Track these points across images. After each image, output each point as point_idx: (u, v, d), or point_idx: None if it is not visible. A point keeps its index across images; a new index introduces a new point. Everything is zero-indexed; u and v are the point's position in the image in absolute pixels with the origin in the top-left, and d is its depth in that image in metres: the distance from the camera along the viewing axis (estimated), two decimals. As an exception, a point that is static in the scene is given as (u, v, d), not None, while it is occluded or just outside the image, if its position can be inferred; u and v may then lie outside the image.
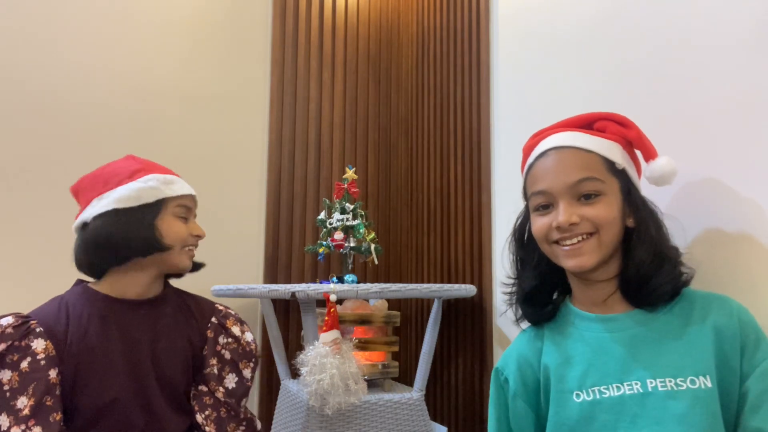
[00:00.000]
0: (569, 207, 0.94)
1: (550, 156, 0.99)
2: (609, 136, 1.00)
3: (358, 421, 1.69)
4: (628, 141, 1.00)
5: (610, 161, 0.96)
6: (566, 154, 0.97)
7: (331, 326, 1.56)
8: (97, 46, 2.08)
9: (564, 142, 0.99)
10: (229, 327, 1.29)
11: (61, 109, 2.01)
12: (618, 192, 0.96)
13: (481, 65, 1.98)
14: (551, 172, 0.97)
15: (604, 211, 0.93)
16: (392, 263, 2.48)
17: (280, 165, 2.35)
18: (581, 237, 0.94)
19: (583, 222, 0.93)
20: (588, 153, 0.96)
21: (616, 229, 0.94)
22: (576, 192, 0.94)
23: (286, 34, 2.41)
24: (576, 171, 0.95)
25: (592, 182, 0.94)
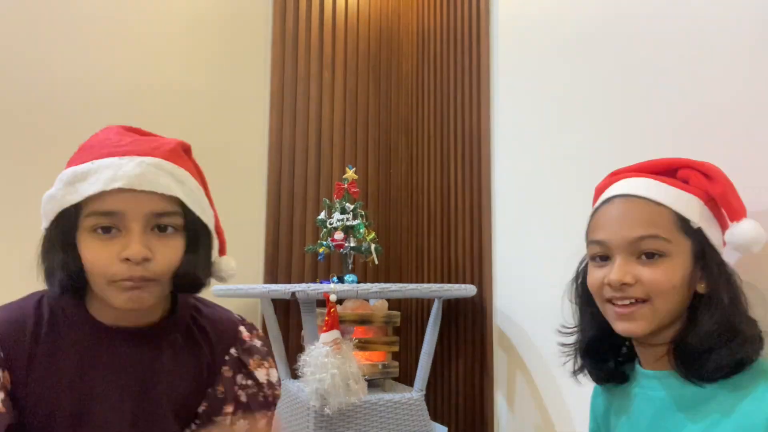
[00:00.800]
0: (625, 264, 0.84)
1: (615, 204, 0.88)
2: (690, 189, 0.87)
3: (358, 421, 1.69)
4: (711, 197, 0.87)
5: (683, 218, 0.84)
6: (633, 204, 0.86)
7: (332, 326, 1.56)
8: (97, 46, 2.08)
9: (634, 190, 0.87)
10: (252, 369, 0.95)
11: (61, 109, 2.01)
12: (689, 254, 0.83)
13: (481, 66, 1.98)
14: (613, 222, 0.86)
15: (663, 276, 0.82)
16: (392, 263, 2.48)
17: (280, 165, 2.35)
18: (633, 300, 0.84)
19: (638, 285, 0.83)
20: (658, 206, 0.85)
21: (677, 297, 0.83)
22: (636, 249, 0.84)
23: (286, 34, 2.41)
24: (639, 226, 0.84)
25: (655, 241, 0.83)
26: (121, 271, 0.77)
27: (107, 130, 0.91)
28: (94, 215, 0.78)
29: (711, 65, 1.19)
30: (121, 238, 0.78)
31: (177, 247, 0.82)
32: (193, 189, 0.86)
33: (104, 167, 0.79)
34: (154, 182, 0.80)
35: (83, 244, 0.79)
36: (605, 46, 1.47)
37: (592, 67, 1.51)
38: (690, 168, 0.89)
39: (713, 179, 0.87)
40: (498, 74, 1.91)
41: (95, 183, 0.78)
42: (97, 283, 0.79)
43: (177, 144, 0.88)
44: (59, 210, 0.80)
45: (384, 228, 2.48)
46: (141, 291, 0.79)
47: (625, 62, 1.40)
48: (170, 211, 0.81)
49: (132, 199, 0.78)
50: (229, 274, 0.96)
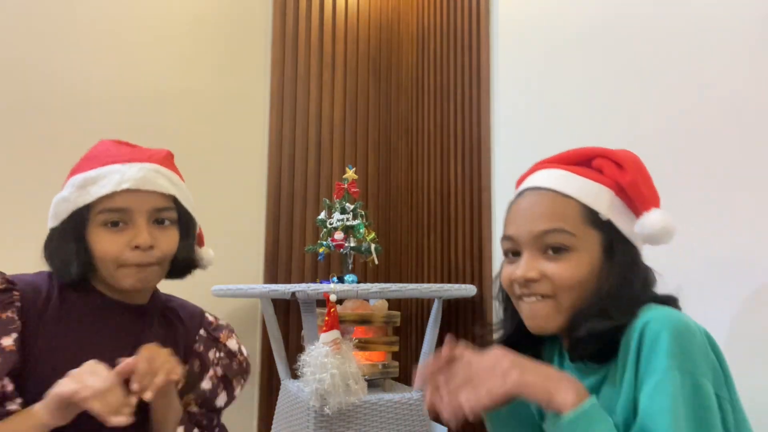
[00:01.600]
0: (531, 260, 0.81)
1: (525, 198, 0.86)
2: (602, 179, 0.84)
3: (358, 421, 1.69)
4: (622, 186, 0.83)
5: (591, 210, 0.81)
6: (540, 197, 0.84)
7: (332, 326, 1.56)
8: (97, 46, 2.08)
9: (543, 182, 0.85)
10: (223, 342, 1.11)
11: (61, 109, 2.01)
12: (597, 247, 0.80)
13: (481, 65, 1.98)
14: (520, 216, 0.84)
15: (568, 271, 0.79)
16: (392, 263, 2.48)
17: (280, 165, 2.35)
18: (538, 297, 0.81)
19: (543, 280, 0.80)
20: (565, 198, 0.82)
21: (582, 292, 0.79)
22: (542, 244, 0.81)
23: (286, 34, 2.41)
24: (544, 219, 0.81)
25: (559, 234, 0.80)
26: (132, 257, 0.94)
27: (103, 144, 1.03)
28: (105, 212, 0.94)
29: (711, 64, 1.19)
30: (129, 230, 0.95)
31: (173, 236, 1.00)
32: (183, 189, 1.03)
33: (112, 172, 0.95)
34: (155, 183, 0.97)
35: (95, 237, 0.95)
36: (605, 46, 1.47)
37: (591, 66, 1.51)
38: (603, 157, 0.86)
39: (624, 168, 0.83)
40: (498, 74, 1.91)
41: (106, 185, 0.94)
42: (108, 269, 0.95)
43: (167, 153, 1.04)
44: (73, 209, 0.95)
45: (384, 228, 2.48)
46: (147, 274, 0.97)
47: (625, 62, 1.40)
48: (168, 206, 0.99)
49: (137, 197, 0.95)
50: (209, 262, 1.13)
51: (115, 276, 0.95)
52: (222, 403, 1.08)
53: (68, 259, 0.94)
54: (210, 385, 1.07)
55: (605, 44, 1.47)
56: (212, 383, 1.07)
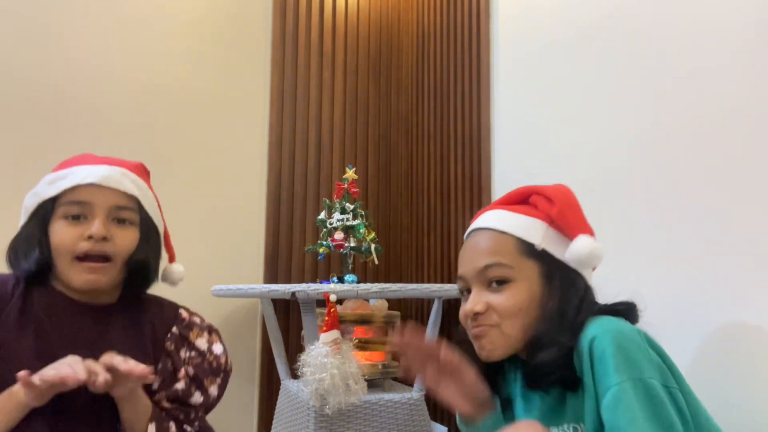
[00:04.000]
0: (477, 294, 0.89)
1: (470, 238, 0.96)
2: (536, 213, 0.92)
3: (358, 421, 1.69)
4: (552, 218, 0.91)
5: (526, 243, 0.89)
6: (480, 237, 0.93)
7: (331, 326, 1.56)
8: (97, 47, 2.08)
9: (484, 222, 0.94)
10: (192, 340, 1.08)
11: (61, 110, 2.01)
12: (535, 276, 0.88)
13: (481, 65, 1.98)
14: (466, 256, 0.93)
15: (508, 300, 0.86)
16: (392, 263, 2.48)
17: (280, 165, 2.35)
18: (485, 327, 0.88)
19: (489, 311, 0.88)
20: (501, 235, 0.90)
21: (526, 319, 0.86)
22: (485, 278, 0.89)
23: (286, 34, 2.41)
24: (484, 256, 0.90)
25: (498, 268, 0.88)
26: (85, 246, 0.95)
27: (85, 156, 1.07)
28: (67, 204, 0.97)
29: (711, 62, 1.19)
30: (88, 224, 0.97)
31: (132, 235, 1.00)
32: (150, 197, 1.06)
33: (81, 169, 0.99)
34: (119, 182, 1.00)
35: (54, 229, 0.97)
36: (605, 45, 1.47)
37: (591, 65, 1.51)
38: (537, 194, 0.94)
39: (553, 201, 0.91)
40: (498, 74, 1.91)
41: (72, 180, 0.98)
42: (62, 263, 0.96)
43: (140, 164, 1.08)
44: (39, 202, 0.99)
45: (384, 228, 2.48)
46: (98, 274, 0.96)
47: (625, 61, 1.40)
48: (129, 206, 1.01)
49: (100, 192, 0.98)
50: (179, 278, 1.13)
51: (68, 272, 0.95)
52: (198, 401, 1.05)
53: (29, 251, 0.96)
54: (183, 385, 1.04)
55: (605, 44, 1.47)
56: (185, 383, 1.04)
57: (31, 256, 0.95)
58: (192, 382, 1.05)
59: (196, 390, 1.05)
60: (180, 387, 1.04)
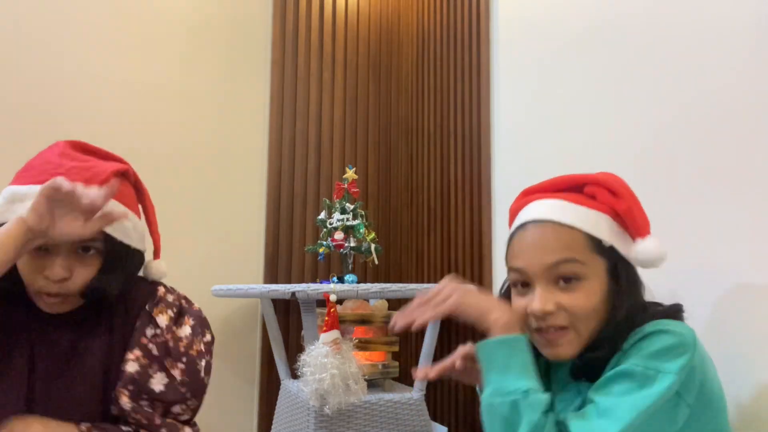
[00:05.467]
0: (545, 292, 0.85)
1: (529, 230, 0.89)
2: (597, 206, 0.89)
3: (358, 421, 1.69)
4: (617, 212, 0.89)
5: (595, 239, 0.86)
6: (546, 230, 0.87)
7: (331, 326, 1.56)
8: (97, 46, 2.08)
9: (545, 214, 0.89)
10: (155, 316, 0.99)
11: (61, 109, 2.01)
12: (603, 273, 0.86)
13: (481, 65, 1.98)
14: (529, 249, 0.88)
15: (582, 300, 0.83)
16: (392, 263, 2.48)
17: (280, 165, 2.35)
18: (555, 328, 0.85)
19: (560, 311, 0.84)
20: (570, 229, 0.86)
21: (598, 318, 0.84)
22: (554, 274, 0.85)
23: (286, 34, 2.41)
24: (554, 251, 0.85)
25: (571, 264, 0.84)
26: (43, 285, 0.92)
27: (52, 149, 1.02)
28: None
29: (711, 64, 1.19)
30: (50, 257, 0.92)
31: (94, 266, 0.95)
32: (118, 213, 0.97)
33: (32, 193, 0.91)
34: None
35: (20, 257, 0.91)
36: (605, 46, 1.47)
37: (591, 66, 1.51)
38: (596, 184, 0.90)
39: (619, 195, 0.88)
40: (498, 74, 1.91)
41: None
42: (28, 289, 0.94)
43: (115, 170, 0.97)
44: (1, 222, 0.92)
45: (384, 228, 2.48)
46: (61, 302, 0.94)
47: (625, 61, 1.40)
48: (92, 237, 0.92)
49: None
50: (159, 276, 1.07)
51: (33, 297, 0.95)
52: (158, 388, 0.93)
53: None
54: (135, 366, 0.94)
55: (605, 44, 1.47)
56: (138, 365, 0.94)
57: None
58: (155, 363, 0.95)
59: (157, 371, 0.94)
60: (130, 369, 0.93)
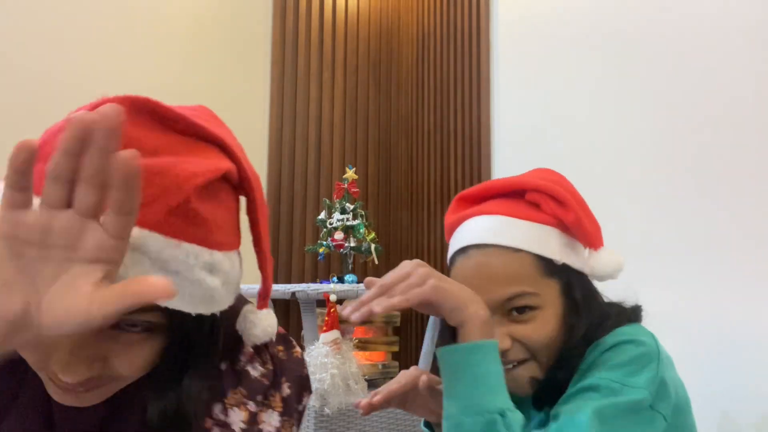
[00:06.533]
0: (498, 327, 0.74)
1: (471, 258, 0.78)
2: (543, 218, 0.78)
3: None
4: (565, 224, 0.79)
5: (545, 259, 0.76)
6: (490, 257, 0.76)
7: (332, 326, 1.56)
8: (97, 46, 2.08)
9: (487, 237, 0.77)
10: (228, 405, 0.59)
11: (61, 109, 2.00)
12: (557, 296, 0.76)
13: (481, 65, 1.98)
14: (474, 282, 0.75)
15: (538, 331, 0.75)
16: (392, 263, 2.47)
17: (280, 165, 2.35)
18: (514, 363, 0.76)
19: (515, 346, 0.75)
20: (517, 254, 0.75)
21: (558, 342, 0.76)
22: (504, 308, 0.75)
23: (286, 34, 2.41)
24: (503, 285, 0.75)
25: (523, 298, 0.74)
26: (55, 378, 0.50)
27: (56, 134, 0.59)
28: None
29: (711, 63, 1.19)
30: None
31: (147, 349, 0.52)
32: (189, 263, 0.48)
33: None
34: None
35: None
36: (604, 46, 1.47)
37: (591, 66, 1.51)
38: (539, 192, 0.79)
39: (565, 204, 0.78)
40: (498, 74, 1.91)
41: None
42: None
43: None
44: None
45: (384, 228, 2.48)
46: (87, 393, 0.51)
47: (625, 61, 1.40)
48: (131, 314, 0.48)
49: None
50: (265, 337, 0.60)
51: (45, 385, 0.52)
52: None
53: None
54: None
55: (605, 44, 1.47)
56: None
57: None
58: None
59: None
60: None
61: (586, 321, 0.76)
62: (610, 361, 0.70)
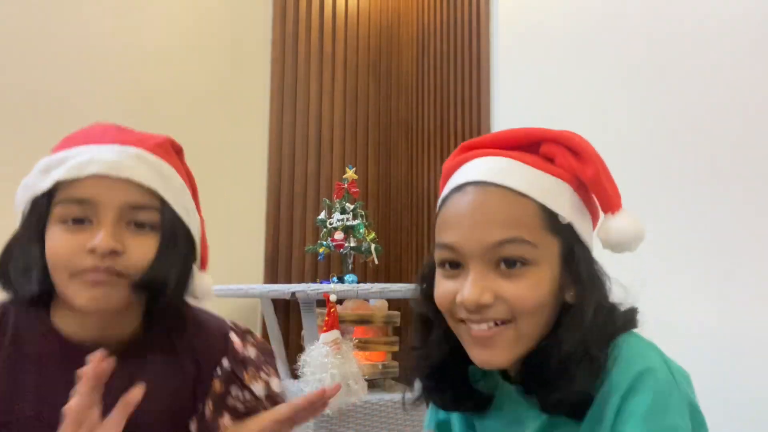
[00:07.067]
0: (481, 278, 0.64)
1: (468, 194, 0.67)
2: (556, 171, 0.68)
3: (358, 421, 1.69)
4: (581, 181, 0.68)
5: (551, 212, 0.65)
6: (490, 195, 0.66)
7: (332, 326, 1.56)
8: (97, 47, 2.08)
9: (490, 175, 0.67)
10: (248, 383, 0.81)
11: (61, 109, 2.01)
12: (556, 257, 0.65)
13: (481, 65, 1.98)
14: (465, 220, 0.65)
15: (528, 291, 0.63)
16: (392, 263, 2.48)
17: (280, 165, 2.35)
18: (493, 323, 0.64)
19: (498, 303, 0.63)
20: (520, 198, 0.65)
21: (544, 315, 0.65)
22: (494, 256, 0.64)
23: (286, 34, 2.41)
24: (498, 226, 0.64)
25: (519, 246, 0.63)
26: (87, 263, 0.68)
27: (93, 125, 0.81)
28: (64, 203, 0.70)
29: (711, 62, 1.19)
30: (92, 230, 0.69)
31: (150, 244, 0.72)
32: (177, 187, 0.77)
33: (81, 153, 0.72)
34: (132, 170, 0.71)
35: (49, 235, 0.70)
36: (604, 45, 1.47)
37: (591, 65, 1.51)
38: (555, 143, 0.70)
39: (584, 159, 0.68)
40: (498, 73, 1.91)
41: (69, 168, 0.70)
42: (60, 279, 0.69)
43: (166, 139, 0.80)
44: (31, 198, 0.72)
45: (384, 228, 2.48)
46: (107, 288, 0.69)
47: (625, 60, 1.40)
48: (148, 204, 0.72)
49: (107, 187, 0.70)
50: (204, 293, 0.81)
51: (67, 292, 0.69)
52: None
53: (28, 266, 0.70)
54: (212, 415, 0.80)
55: (605, 43, 1.47)
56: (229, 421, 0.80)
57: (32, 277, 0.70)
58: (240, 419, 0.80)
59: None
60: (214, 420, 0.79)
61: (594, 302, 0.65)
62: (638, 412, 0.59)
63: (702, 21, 1.21)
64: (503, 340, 0.64)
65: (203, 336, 0.82)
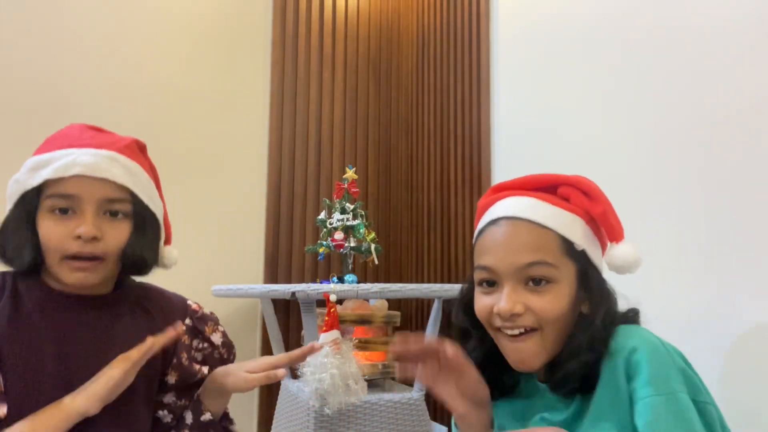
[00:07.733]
0: (513, 293, 0.82)
1: (501, 226, 0.86)
2: (571, 208, 0.86)
3: (358, 421, 1.69)
4: (591, 216, 0.87)
5: (568, 241, 0.83)
6: (519, 228, 0.84)
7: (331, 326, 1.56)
8: (98, 46, 2.08)
9: (519, 211, 0.86)
10: (208, 334, 1.07)
11: (61, 109, 2.01)
12: (573, 277, 0.83)
13: (481, 65, 1.98)
14: (500, 247, 0.84)
15: (551, 304, 0.81)
16: (392, 263, 2.48)
17: (280, 165, 2.35)
18: (523, 330, 0.82)
19: (527, 314, 0.81)
20: (543, 229, 0.83)
21: (564, 324, 0.82)
22: (524, 275, 0.82)
23: (286, 34, 2.41)
24: (527, 252, 0.82)
25: (543, 267, 0.81)
26: (74, 247, 0.88)
27: (70, 127, 1.02)
28: (53, 197, 0.90)
29: (711, 63, 1.19)
30: (76, 219, 0.89)
31: (125, 229, 0.93)
32: (143, 181, 0.96)
33: (63, 156, 0.91)
34: (107, 171, 0.91)
35: (42, 223, 0.90)
36: (604, 46, 1.47)
37: (591, 66, 1.51)
38: (570, 186, 0.88)
39: (593, 198, 0.86)
40: (498, 74, 1.91)
41: (56, 170, 0.90)
42: (52, 260, 0.90)
43: (132, 141, 0.98)
44: (22, 192, 0.92)
45: (384, 228, 2.48)
46: (88, 272, 0.90)
47: (625, 61, 1.40)
48: (121, 198, 0.92)
49: (87, 184, 0.90)
50: (171, 262, 1.04)
51: (58, 270, 0.90)
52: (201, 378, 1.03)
53: (20, 245, 0.90)
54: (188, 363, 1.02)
55: (605, 44, 1.47)
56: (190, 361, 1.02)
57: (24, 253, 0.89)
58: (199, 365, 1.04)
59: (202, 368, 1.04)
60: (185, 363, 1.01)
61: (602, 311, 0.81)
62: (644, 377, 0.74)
63: (702, 22, 1.22)
64: (532, 346, 0.82)
65: (166, 300, 1.05)
